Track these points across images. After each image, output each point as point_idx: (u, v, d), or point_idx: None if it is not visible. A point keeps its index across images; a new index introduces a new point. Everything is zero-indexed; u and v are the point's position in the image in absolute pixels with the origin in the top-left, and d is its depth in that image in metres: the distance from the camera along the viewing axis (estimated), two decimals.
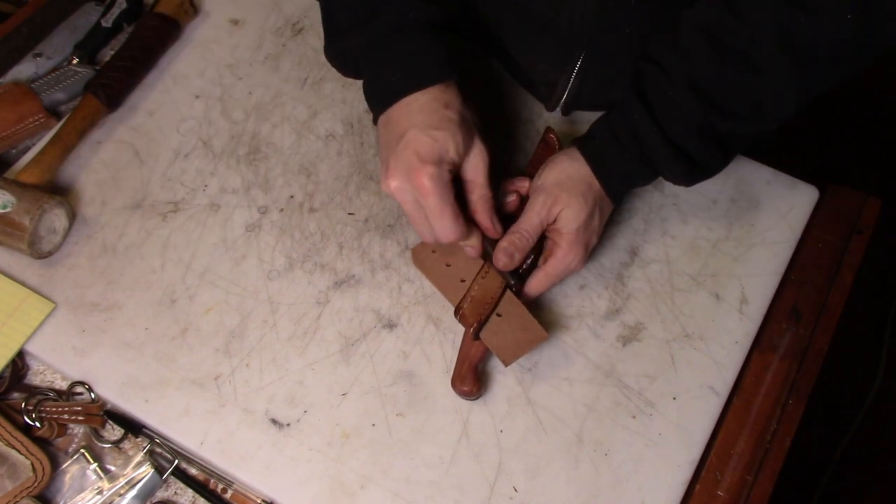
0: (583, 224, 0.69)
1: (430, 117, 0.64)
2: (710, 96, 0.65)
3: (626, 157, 0.69)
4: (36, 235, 0.72)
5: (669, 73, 0.66)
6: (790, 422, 0.71)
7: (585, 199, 0.69)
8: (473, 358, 0.68)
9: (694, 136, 0.67)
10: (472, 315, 0.68)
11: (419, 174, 0.62)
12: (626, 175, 0.71)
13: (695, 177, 0.71)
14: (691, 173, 0.70)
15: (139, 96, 0.86)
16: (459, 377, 0.68)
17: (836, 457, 1.37)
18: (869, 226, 0.80)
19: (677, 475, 0.67)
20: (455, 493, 0.66)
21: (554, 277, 0.70)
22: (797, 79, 0.62)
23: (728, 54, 0.63)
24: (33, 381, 0.72)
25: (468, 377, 0.68)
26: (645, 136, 0.68)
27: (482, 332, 0.68)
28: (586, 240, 0.70)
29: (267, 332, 0.72)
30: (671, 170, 0.69)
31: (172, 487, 0.68)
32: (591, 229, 0.70)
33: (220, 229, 0.78)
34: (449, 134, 0.63)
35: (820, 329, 0.75)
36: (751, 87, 0.64)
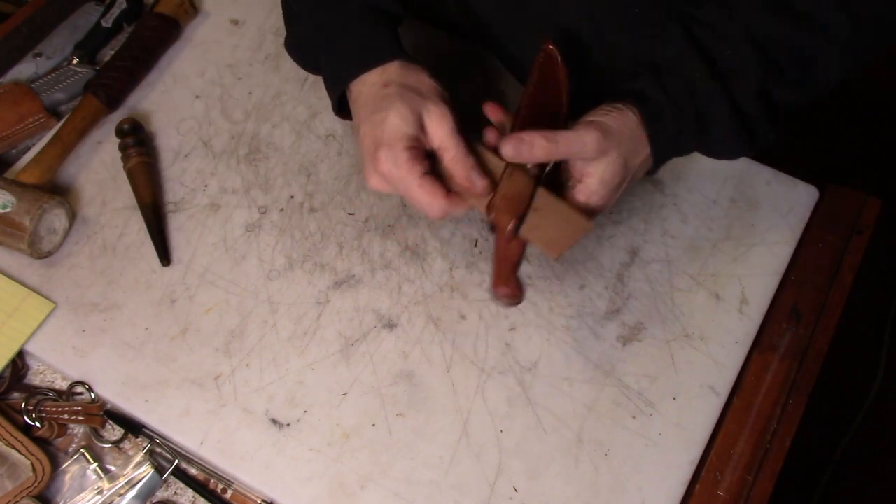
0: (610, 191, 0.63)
1: (373, 105, 0.62)
2: (767, 53, 0.62)
3: (682, 119, 0.64)
4: (36, 235, 0.72)
5: (725, 33, 0.63)
6: (790, 422, 0.71)
7: (626, 167, 0.63)
8: (513, 257, 0.62)
9: (753, 98, 0.63)
10: (508, 211, 0.61)
11: (378, 164, 0.60)
12: (677, 139, 0.65)
13: (745, 145, 0.66)
14: (744, 141, 0.65)
15: (139, 96, 0.86)
16: (502, 278, 0.61)
17: (836, 457, 1.37)
18: (869, 226, 0.80)
19: (677, 475, 0.67)
20: (455, 493, 0.66)
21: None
22: (850, 39, 0.61)
23: (786, 8, 0.62)
24: (33, 381, 0.72)
25: (511, 278, 0.61)
26: (704, 95, 0.63)
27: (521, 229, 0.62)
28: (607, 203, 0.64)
29: (267, 332, 0.72)
30: (724, 133, 0.65)
31: (172, 487, 0.68)
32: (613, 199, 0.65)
33: (220, 229, 0.78)
34: (391, 111, 0.60)
35: (820, 329, 0.75)
36: (806, 46, 0.62)
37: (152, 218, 0.76)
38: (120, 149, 0.79)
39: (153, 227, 0.76)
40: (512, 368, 0.71)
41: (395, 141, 0.60)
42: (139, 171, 0.78)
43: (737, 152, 0.68)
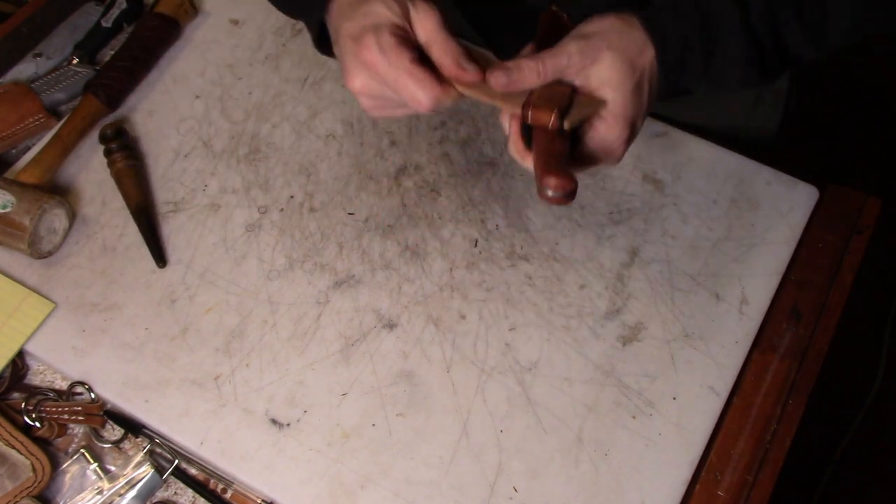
0: (630, 93, 0.57)
1: (355, 4, 0.58)
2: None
3: (686, 23, 0.59)
4: (36, 235, 0.72)
5: None
6: (790, 422, 0.71)
7: (633, 65, 0.57)
8: (558, 152, 0.56)
9: (765, 18, 0.59)
10: (548, 107, 0.56)
11: (362, 51, 0.56)
12: (682, 46, 0.59)
13: (751, 67, 0.61)
14: (752, 58, 0.60)
15: (139, 96, 0.86)
16: (554, 173, 0.53)
17: (836, 457, 1.37)
18: (869, 226, 0.80)
19: (677, 475, 0.67)
20: (455, 493, 0.66)
21: (588, 158, 0.58)
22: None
23: None
24: (33, 381, 0.72)
25: (563, 170, 0.54)
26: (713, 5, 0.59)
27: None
28: (633, 117, 0.58)
29: (267, 332, 0.72)
30: (732, 46, 0.59)
31: (172, 487, 0.68)
32: (639, 105, 0.58)
33: (220, 229, 0.78)
34: (378, 2, 0.57)
35: (820, 329, 0.75)
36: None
37: (143, 220, 0.76)
38: (105, 154, 0.79)
39: (145, 230, 0.76)
40: (512, 368, 0.71)
41: (380, 26, 0.56)
42: (125, 175, 0.78)
43: (743, 77, 0.62)
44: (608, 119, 0.57)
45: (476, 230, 0.78)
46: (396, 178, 0.81)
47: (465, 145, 0.83)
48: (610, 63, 0.56)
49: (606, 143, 0.57)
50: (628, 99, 0.57)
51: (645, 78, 0.58)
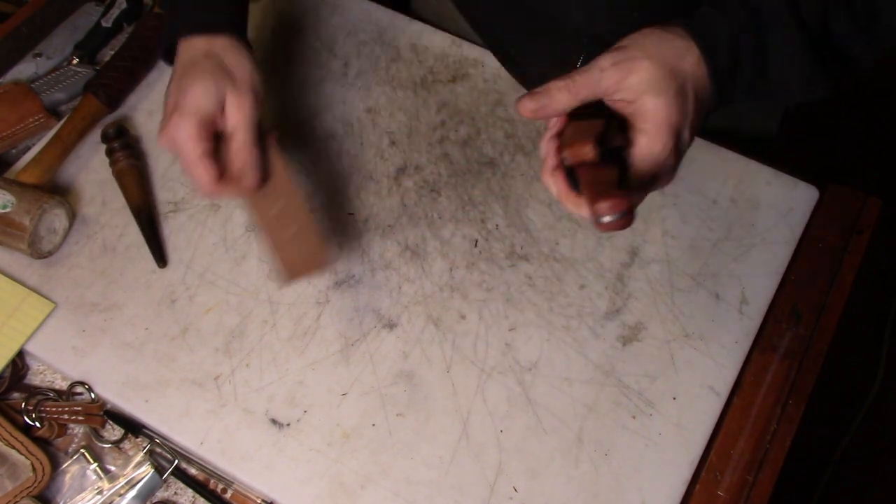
0: (672, 98, 0.53)
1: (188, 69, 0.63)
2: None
3: (735, 23, 0.55)
4: (36, 235, 0.72)
5: None
6: (790, 422, 0.71)
7: (674, 71, 0.53)
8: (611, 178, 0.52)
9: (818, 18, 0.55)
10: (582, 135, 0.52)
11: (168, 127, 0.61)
12: (733, 47, 0.55)
13: (812, 70, 0.56)
14: (811, 61, 0.56)
15: (139, 96, 0.86)
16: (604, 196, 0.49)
17: (836, 457, 1.37)
18: (869, 226, 0.80)
19: (677, 475, 0.67)
20: (455, 493, 0.66)
21: (639, 176, 0.54)
22: None
23: None
24: (33, 381, 0.72)
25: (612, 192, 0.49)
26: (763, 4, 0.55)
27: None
28: (678, 125, 0.53)
29: (267, 332, 0.72)
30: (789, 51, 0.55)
31: (172, 487, 0.68)
32: (684, 112, 0.54)
33: (220, 229, 0.78)
34: (198, 83, 0.62)
35: (820, 329, 0.75)
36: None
37: (144, 220, 0.76)
38: (106, 154, 0.79)
39: (146, 229, 0.76)
40: (512, 368, 0.71)
41: (191, 113, 0.61)
42: (126, 174, 0.78)
43: (803, 83, 0.57)
44: (650, 130, 0.53)
45: (476, 230, 0.78)
46: (396, 178, 0.81)
47: (465, 145, 0.83)
48: (647, 70, 0.53)
49: (654, 156, 0.53)
50: (671, 105, 0.53)
51: (689, 84, 0.54)
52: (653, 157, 0.53)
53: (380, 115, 0.85)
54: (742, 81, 0.57)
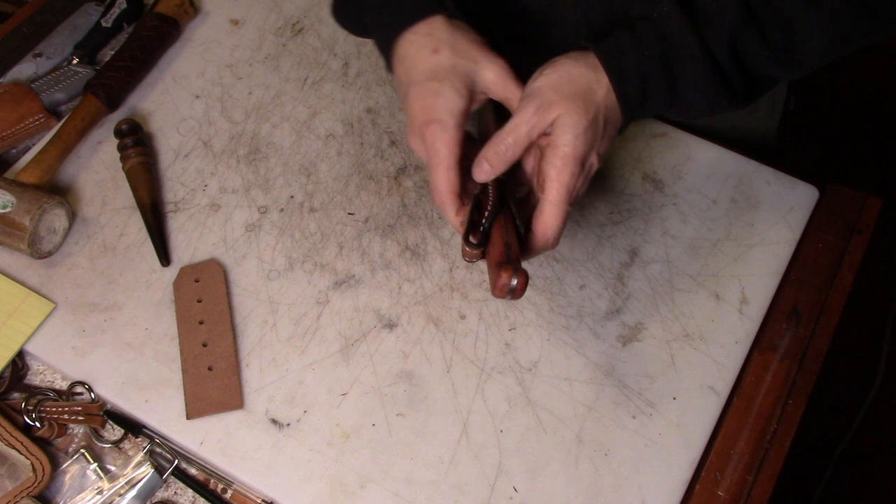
0: (581, 133, 0.59)
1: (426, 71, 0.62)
2: (750, 7, 0.59)
3: (644, 55, 0.60)
4: (36, 235, 0.72)
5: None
6: (790, 422, 0.71)
7: (587, 104, 0.59)
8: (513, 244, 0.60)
9: (726, 47, 0.59)
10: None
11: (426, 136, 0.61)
12: (642, 77, 0.60)
13: (718, 95, 0.61)
14: (717, 88, 0.61)
15: (139, 96, 0.86)
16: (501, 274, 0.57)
17: (836, 457, 1.37)
18: (869, 226, 0.80)
19: (677, 475, 0.67)
20: (455, 493, 0.66)
21: (559, 205, 0.60)
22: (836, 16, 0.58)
23: None
24: (33, 381, 0.72)
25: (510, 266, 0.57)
26: (672, 31, 0.60)
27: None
28: (583, 153, 0.59)
29: (267, 332, 0.72)
30: (696, 78, 0.60)
31: (172, 487, 0.68)
32: (590, 141, 0.60)
33: (220, 229, 0.78)
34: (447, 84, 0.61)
35: (820, 329, 0.75)
36: (790, 14, 0.59)
37: (151, 218, 0.76)
38: (118, 149, 0.79)
39: (152, 228, 0.76)
40: (512, 368, 0.71)
41: (449, 118, 0.60)
42: (138, 171, 0.78)
43: (712, 104, 0.63)
44: (557, 164, 0.59)
45: None
46: (396, 178, 0.81)
47: None
48: (561, 108, 0.58)
49: (563, 182, 0.59)
50: (579, 139, 0.59)
51: (601, 114, 0.60)
52: (564, 186, 0.59)
53: (380, 115, 0.85)
54: (652, 106, 0.63)
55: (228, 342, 0.70)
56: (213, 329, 0.71)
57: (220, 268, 0.74)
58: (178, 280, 0.74)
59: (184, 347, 0.70)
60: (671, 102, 0.63)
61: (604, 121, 0.60)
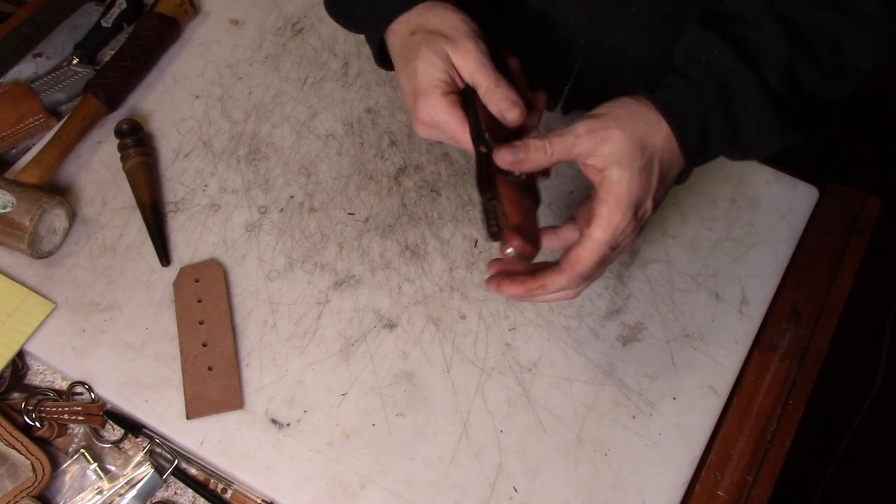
0: (636, 173, 0.56)
1: (404, 56, 0.62)
2: (797, 33, 0.58)
3: (703, 99, 0.58)
4: (36, 235, 0.72)
5: (749, 17, 0.59)
6: (790, 422, 0.71)
7: (643, 145, 0.56)
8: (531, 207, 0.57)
9: (784, 80, 0.58)
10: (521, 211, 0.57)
11: (419, 113, 0.61)
12: (702, 122, 0.58)
13: (782, 130, 0.59)
14: (780, 123, 0.59)
15: (139, 96, 0.86)
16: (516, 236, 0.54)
17: (836, 457, 1.37)
18: (869, 226, 0.80)
19: (677, 475, 0.67)
20: (455, 493, 0.66)
21: (601, 245, 0.57)
22: (882, 22, 0.57)
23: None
24: (33, 381, 0.72)
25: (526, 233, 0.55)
26: (727, 74, 0.58)
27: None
28: (638, 198, 0.56)
29: (267, 332, 0.72)
30: (757, 117, 0.58)
31: (172, 487, 0.68)
32: (646, 186, 0.57)
33: (220, 229, 0.78)
34: (419, 59, 0.60)
35: (820, 329, 0.75)
36: (836, 32, 0.58)
37: (152, 218, 0.76)
38: (119, 149, 0.79)
39: (152, 228, 0.76)
40: (512, 368, 0.71)
41: (430, 88, 0.60)
42: (138, 171, 0.78)
43: (776, 140, 0.60)
44: (611, 202, 0.56)
45: (476, 230, 0.78)
46: (396, 178, 0.81)
47: None
48: (618, 142, 0.56)
49: (613, 225, 0.56)
50: (634, 179, 0.56)
51: (656, 158, 0.57)
52: (612, 226, 0.56)
53: (380, 115, 0.85)
54: (713, 150, 0.60)
55: (228, 342, 0.70)
56: (213, 329, 0.71)
57: (220, 268, 0.74)
58: (178, 280, 0.74)
59: (184, 347, 0.70)
60: (732, 144, 0.61)
61: (659, 166, 0.57)
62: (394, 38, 0.64)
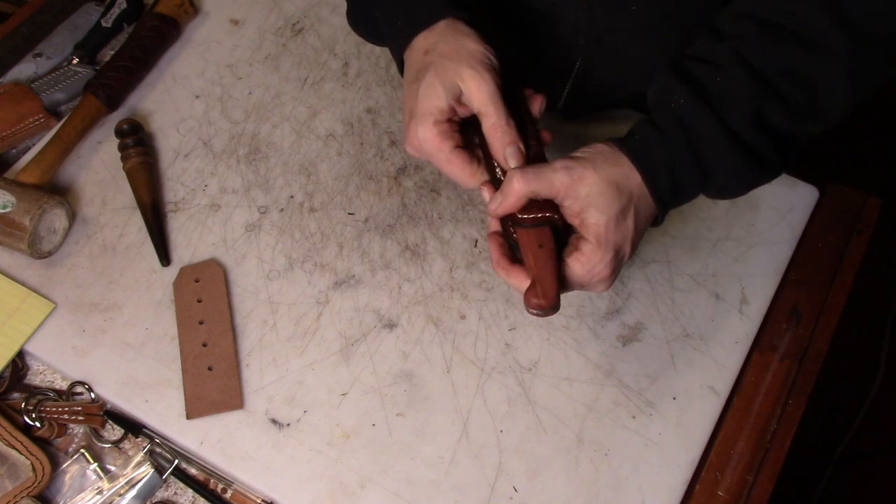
0: (613, 218, 0.58)
1: (413, 73, 0.62)
2: (763, 76, 0.58)
3: (671, 146, 0.59)
4: (36, 235, 0.72)
5: (715, 60, 0.60)
6: (790, 422, 0.71)
7: (619, 189, 0.58)
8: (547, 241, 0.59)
9: (749, 124, 0.59)
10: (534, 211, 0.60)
11: (409, 137, 0.62)
12: (671, 169, 0.59)
13: (751, 173, 0.60)
14: (748, 167, 0.60)
15: (139, 96, 0.86)
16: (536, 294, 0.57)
17: (836, 457, 1.37)
18: (869, 226, 0.80)
19: (677, 475, 0.67)
20: (455, 493, 0.66)
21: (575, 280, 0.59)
22: (852, 56, 0.57)
23: (778, 30, 0.58)
24: (33, 381, 0.72)
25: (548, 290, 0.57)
26: (693, 121, 0.59)
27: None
28: (617, 243, 0.59)
29: (267, 332, 0.72)
30: (724, 162, 0.59)
31: (172, 487, 0.68)
32: (624, 231, 0.59)
33: (220, 229, 0.78)
34: (423, 83, 0.60)
35: (820, 329, 0.75)
36: (806, 70, 0.58)
37: (152, 218, 0.76)
38: (119, 149, 0.79)
39: (153, 228, 0.76)
40: (512, 368, 0.71)
41: (425, 115, 0.60)
42: (138, 171, 0.78)
43: (747, 183, 0.62)
44: (591, 241, 0.58)
45: (476, 230, 0.78)
46: (396, 178, 0.81)
47: None
48: (594, 185, 0.57)
49: (591, 265, 0.58)
50: (611, 223, 0.58)
51: (632, 202, 0.59)
52: (590, 265, 0.58)
53: (380, 115, 0.85)
54: (685, 194, 0.62)
55: (228, 342, 0.70)
56: (213, 329, 0.71)
57: (220, 268, 0.74)
58: (178, 280, 0.74)
59: (184, 347, 0.70)
60: (704, 187, 0.62)
61: (635, 210, 0.59)
62: (409, 53, 0.64)
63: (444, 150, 0.61)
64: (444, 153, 0.61)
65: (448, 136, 0.61)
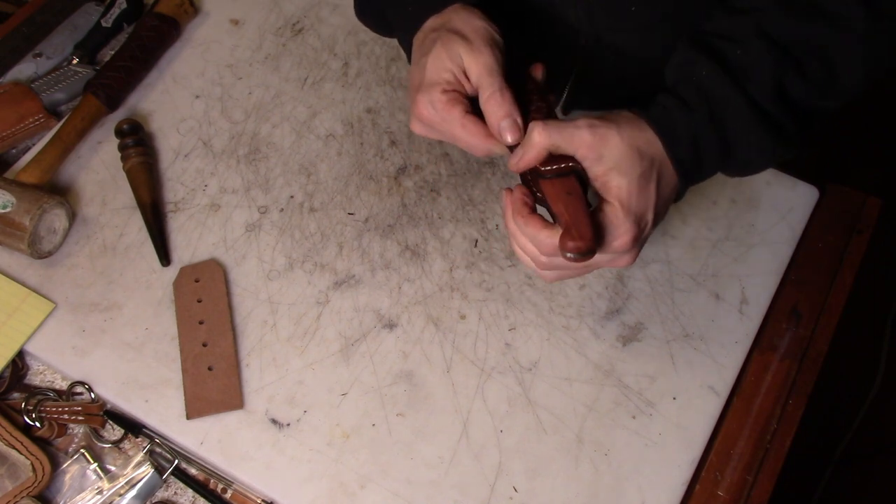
0: (636, 183, 0.56)
1: (420, 49, 0.63)
2: (783, 49, 0.58)
3: (693, 118, 0.58)
4: (36, 235, 0.72)
5: (736, 34, 0.60)
6: (790, 422, 0.71)
7: (641, 154, 0.57)
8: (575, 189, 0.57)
9: (771, 96, 0.58)
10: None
11: (416, 108, 0.61)
12: (694, 140, 0.59)
13: (773, 146, 0.60)
14: (770, 139, 0.59)
15: (139, 96, 0.86)
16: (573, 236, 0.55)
17: (836, 457, 1.37)
18: (869, 226, 0.80)
19: (677, 475, 0.67)
20: (455, 493, 0.66)
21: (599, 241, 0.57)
22: (869, 31, 0.57)
23: (797, 3, 0.59)
24: (33, 381, 0.72)
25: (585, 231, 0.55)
26: (716, 93, 0.59)
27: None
28: (641, 208, 0.57)
29: (267, 332, 0.72)
30: (748, 134, 0.59)
31: (172, 487, 0.68)
32: (647, 197, 0.57)
33: (220, 229, 0.78)
34: (429, 55, 0.60)
35: (820, 329, 0.75)
36: (821, 39, 0.58)
37: (152, 218, 0.76)
38: (119, 149, 0.79)
39: (153, 228, 0.76)
40: (512, 368, 0.71)
41: (432, 85, 0.60)
42: (138, 171, 0.78)
43: (769, 156, 0.62)
44: (615, 205, 0.56)
45: (476, 230, 0.78)
46: (396, 178, 0.81)
47: None
48: (617, 147, 0.56)
49: (613, 228, 0.56)
50: (633, 186, 0.56)
51: (654, 169, 0.57)
52: (613, 229, 0.56)
53: (380, 115, 0.85)
54: (707, 167, 0.61)
55: (228, 342, 0.70)
56: (213, 329, 0.71)
57: (220, 268, 0.74)
58: (178, 280, 0.74)
59: (184, 347, 0.70)
60: (726, 161, 0.61)
61: (658, 176, 0.58)
62: (418, 35, 0.65)
63: (455, 114, 0.60)
64: (456, 117, 0.60)
65: (458, 101, 0.60)
